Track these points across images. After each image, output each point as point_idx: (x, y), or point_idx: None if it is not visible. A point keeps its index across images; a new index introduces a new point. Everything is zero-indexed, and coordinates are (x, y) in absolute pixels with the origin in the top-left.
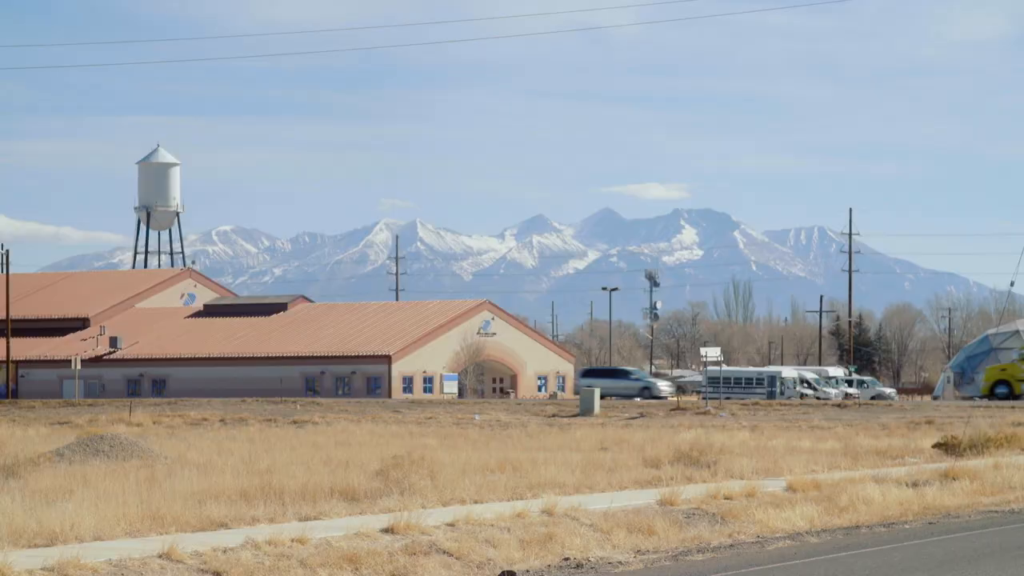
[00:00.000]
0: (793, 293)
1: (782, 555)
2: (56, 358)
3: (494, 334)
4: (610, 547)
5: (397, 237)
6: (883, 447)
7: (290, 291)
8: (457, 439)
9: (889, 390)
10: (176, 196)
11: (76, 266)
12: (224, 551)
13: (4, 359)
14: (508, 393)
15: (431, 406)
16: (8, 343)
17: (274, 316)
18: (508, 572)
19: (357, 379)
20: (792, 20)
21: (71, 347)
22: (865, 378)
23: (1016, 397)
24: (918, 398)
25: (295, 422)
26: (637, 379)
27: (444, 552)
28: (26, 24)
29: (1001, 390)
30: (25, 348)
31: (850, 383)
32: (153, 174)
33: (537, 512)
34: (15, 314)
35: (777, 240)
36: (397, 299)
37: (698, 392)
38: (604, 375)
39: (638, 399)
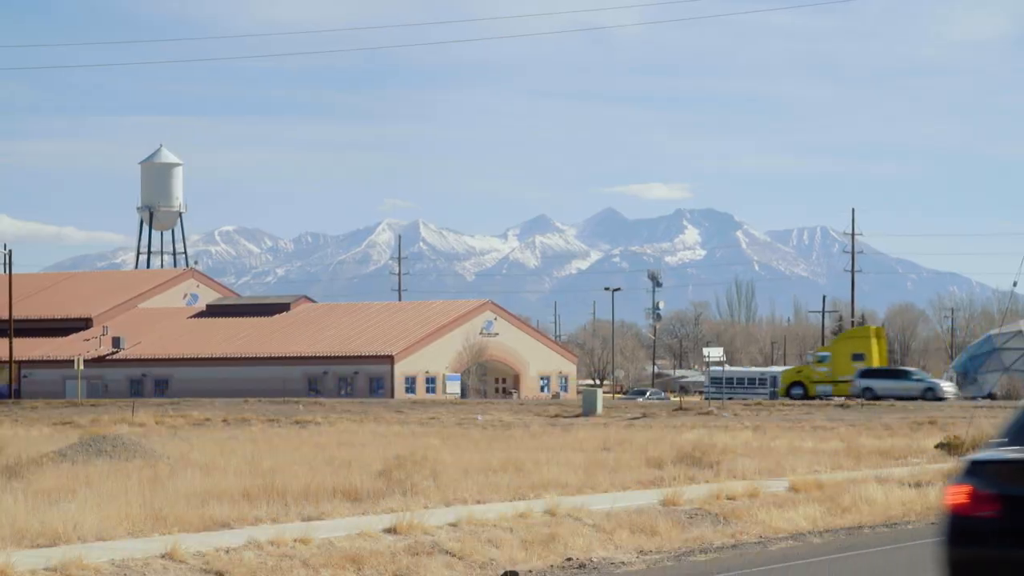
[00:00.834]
0: (796, 293)
1: (785, 555)
2: (59, 358)
3: (497, 334)
4: (613, 547)
5: (400, 237)
6: (886, 447)
7: (293, 291)
8: (460, 439)
9: None
10: (179, 196)
11: (78, 266)
12: (227, 551)
13: (7, 359)
14: (511, 393)
15: (434, 406)
16: (11, 343)
17: (277, 316)
18: (511, 572)
19: (360, 379)
20: (794, 20)
21: (74, 347)
22: None
23: (811, 398)
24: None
25: (298, 422)
26: (919, 380)
27: (447, 552)
28: (28, 24)
29: (796, 391)
30: (28, 348)
31: None
32: (156, 174)
33: (540, 512)
34: (17, 314)
35: (779, 240)
36: (400, 299)
37: (700, 392)
38: (884, 376)
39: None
